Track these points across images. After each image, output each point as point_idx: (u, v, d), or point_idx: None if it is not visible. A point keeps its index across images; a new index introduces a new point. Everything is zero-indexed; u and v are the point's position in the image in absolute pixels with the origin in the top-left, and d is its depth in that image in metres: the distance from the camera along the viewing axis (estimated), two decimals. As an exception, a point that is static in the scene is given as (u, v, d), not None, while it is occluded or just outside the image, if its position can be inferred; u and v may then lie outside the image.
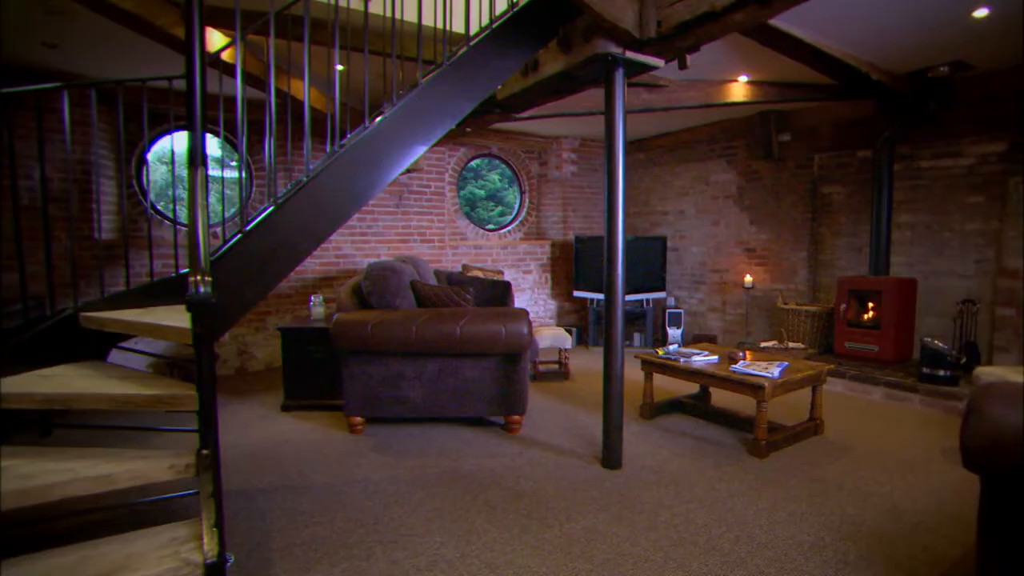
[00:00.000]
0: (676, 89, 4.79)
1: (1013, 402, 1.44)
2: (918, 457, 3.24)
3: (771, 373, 3.25)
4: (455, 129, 4.68)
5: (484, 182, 14.42)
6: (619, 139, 2.93)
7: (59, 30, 3.51)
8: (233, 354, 5.43)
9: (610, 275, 2.97)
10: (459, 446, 3.45)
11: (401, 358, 3.54)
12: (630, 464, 3.14)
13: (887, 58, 4.21)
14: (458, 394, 3.58)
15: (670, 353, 3.79)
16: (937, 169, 4.87)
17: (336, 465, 3.19)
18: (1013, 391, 1.48)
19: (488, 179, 14.23)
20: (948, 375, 4.17)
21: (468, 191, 14.45)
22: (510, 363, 3.54)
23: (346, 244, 6.04)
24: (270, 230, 2.33)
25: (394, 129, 2.51)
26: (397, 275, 3.64)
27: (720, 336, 6.47)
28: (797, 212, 5.81)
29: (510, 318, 3.37)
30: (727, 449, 3.36)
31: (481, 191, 14.33)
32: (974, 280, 4.69)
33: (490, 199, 14.05)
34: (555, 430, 3.72)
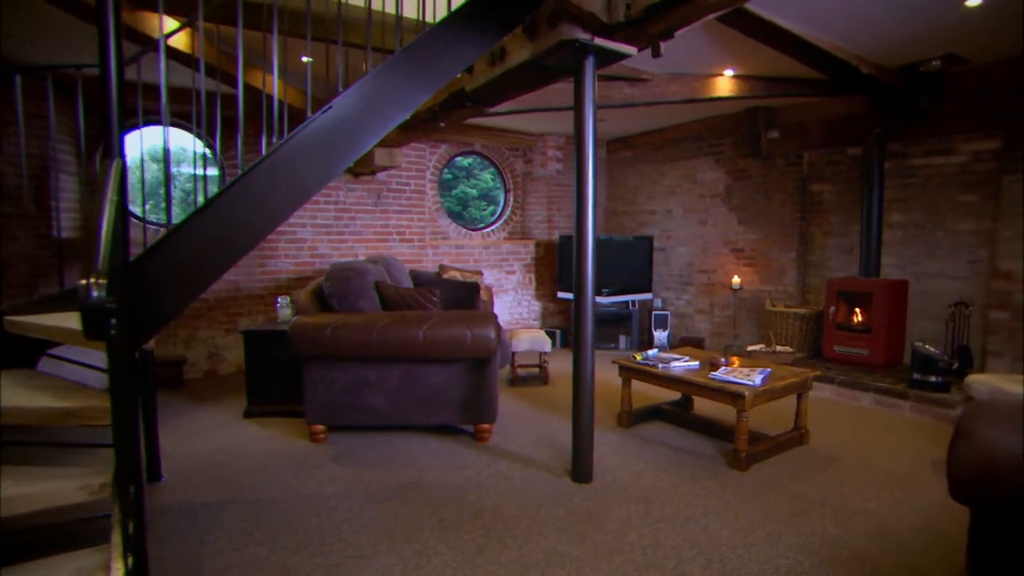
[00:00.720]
0: (659, 83, 4.61)
1: (1007, 424, 1.26)
2: (907, 469, 3.07)
3: (752, 381, 3.08)
4: (430, 124, 4.50)
5: (476, 181, 14.24)
6: (588, 133, 2.75)
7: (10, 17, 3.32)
8: (203, 356, 5.24)
9: (579, 276, 2.79)
10: (424, 457, 3.27)
11: (364, 363, 3.35)
12: (602, 477, 2.95)
13: (877, 51, 4.04)
14: (424, 401, 3.40)
15: (648, 358, 3.61)
16: (929, 167, 4.70)
17: (291, 477, 3.01)
18: (1007, 411, 1.31)
19: (481, 178, 14.04)
20: (939, 381, 4.01)
21: (460, 190, 14.26)
22: (478, 369, 3.35)
23: (322, 243, 5.85)
24: (201, 228, 2.14)
25: (341, 121, 2.32)
26: (360, 276, 3.45)
27: (708, 338, 6.29)
28: (786, 211, 5.64)
29: (476, 321, 3.19)
30: (706, 461, 3.18)
31: (473, 190, 14.15)
32: (967, 282, 4.52)
33: (482, 198, 13.87)
34: (527, 439, 3.54)
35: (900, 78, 4.40)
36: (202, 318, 5.20)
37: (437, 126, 4.45)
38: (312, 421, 3.45)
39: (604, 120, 6.17)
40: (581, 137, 2.75)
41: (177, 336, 5.10)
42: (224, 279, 5.29)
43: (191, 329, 5.15)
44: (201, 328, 5.21)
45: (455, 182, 14.53)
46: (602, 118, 6.07)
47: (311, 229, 5.78)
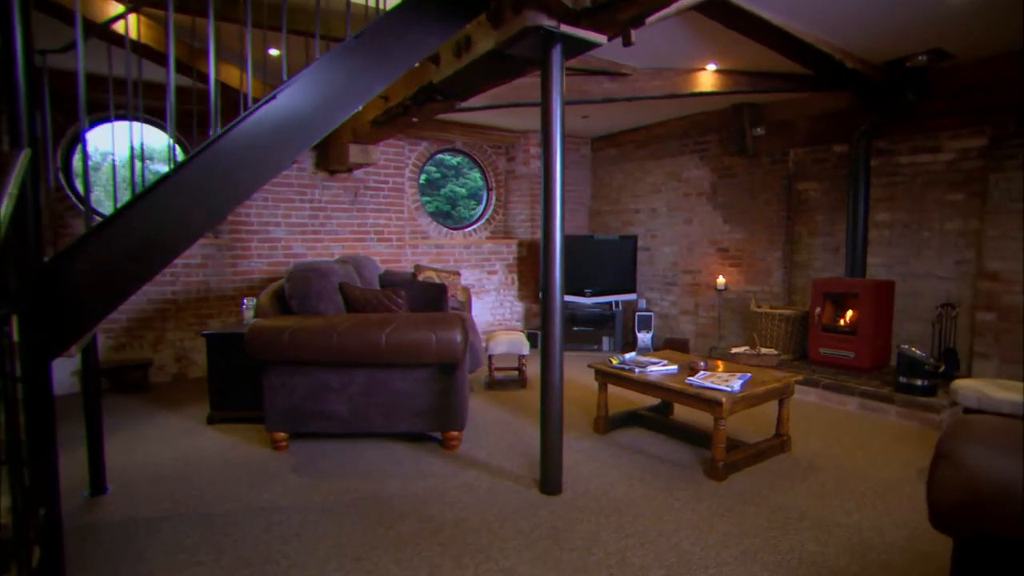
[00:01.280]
0: (640, 78, 4.48)
1: (996, 445, 1.13)
2: (891, 478, 2.95)
3: (731, 387, 2.94)
4: (403, 119, 4.34)
5: (466, 180, 14.13)
6: (556, 128, 2.60)
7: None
8: (171, 360, 5.06)
9: (547, 277, 2.65)
10: (388, 466, 3.11)
11: (325, 369, 3.20)
12: (572, 488, 2.81)
13: (862, 45, 3.92)
14: (389, 408, 3.25)
15: (625, 362, 3.48)
16: (916, 165, 4.59)
17: (246, 488, 2.85)
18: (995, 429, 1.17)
19: (470, 177, 13.92)
20: (925, 385, 3.89)
21: (449, 189, 14.09)
22: (446, 374, 3.20)
23: (296, 243, 5.69)
24: (128, 227, 1.97)
25: (287, 111, 2.17)
26: (322, 277, 3.30)
27: (692, 340, 6.17)
28: (772, 210, 5.52)
29: (441, 325, 3.04)
30: (683, 470, 3.04)
31: (463, 189, 14.00)
32: (954, 283, 4.41)
33: (472, 198, 13.74)
34: (499, 447, 3.39)
35: (886, 73, 4.29)
36: (170, 319, 5.03)
37: (410, 121, 4.29)
38: (273, 428, 3.30)
39: (587, 117, 6.04)
40: (548, 132, 2.60)
41: (144, 338, 4.92)
42: (194, 279, 5.13)
43: (159, 331, 4.97)
44: (170, 330, 5.03)
45: (444, 181, 14.36)
46: (585, 115, 5.94)
47: (285, 228, 5.62)
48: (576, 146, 7.14)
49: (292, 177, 5.62)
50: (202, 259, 5.14)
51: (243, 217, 5.37)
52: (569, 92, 4.48)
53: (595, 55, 4.25)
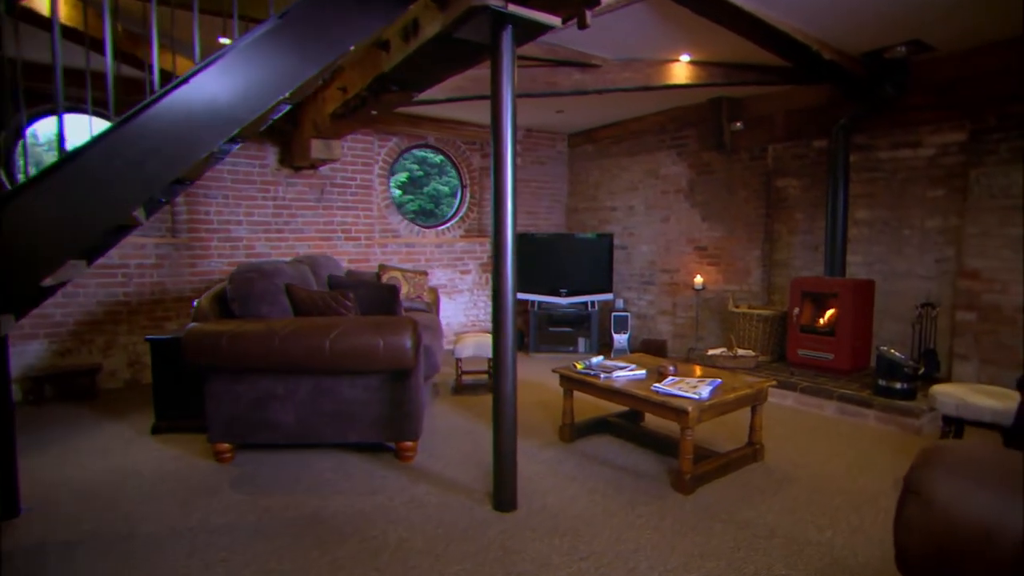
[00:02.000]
0: (611, 69, 4.31)
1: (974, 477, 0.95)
2: (867, 489, 2.79)
3: (698, 394, 2.77)
4: (362, 112, 4.13)
5: (449, 178, 13.94)
6: (506, 119, 2.42)
7: None
8: (123, 365, 4.82)
9: (497, 276, 2.46)
10: (336, 479, 2.91)
11: (270, 376, 2.99)
12: (528, 503, 2.63)
13: (839, 35, 3.76)
14: (338, 417, 3.05)
15: (591, 367, 3.29)
16: (896, 160, 4.45)
17: (178, 507, 2.63)
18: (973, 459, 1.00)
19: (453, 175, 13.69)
20: (905, 388, 3.75)
21: (432, 187, 13.87)
22: (398, 381, 3.01)
23: (259, 242, 5.46)
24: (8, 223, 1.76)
25: (203, 97, 1.96)
26: (266, 278, 3.09)
27: (670, 341, 6.01)
28: (751, 207, 5.36)
29: (390, 329, 2.84)
30: (648, 482, 2.87)
31: (446, 187, 13.81)
32: (934, 281, 4.28)
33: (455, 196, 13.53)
34: (457, 457, 3.20)
35: (864, 66, 4.14)
36: (123, 322, 4.78)
37: (370, 114, 4.08)
38: (215, 439, 3.08)
39: (562, 111, 5.86)
40: (498, 124, 2.42)
41: (93, 343, 4.68)
42: (148, 280, 4.89)
43: (110, 335, 4.73)
44: (122, 334, 4.78)
45: (427, 179, 14.14)
46: (559, 109, 5.76)
47: (247, 227, 5.39)
48: (552, 142, 6.96)
49: (255, 174, 5.39)
50: (157, 259, 4.90)
51: (201, 215, 5.13)
52: (536, 84, 4.31)
53: (563, 45, 4.07)
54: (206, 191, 5.13)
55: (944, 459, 1.02)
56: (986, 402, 2.44)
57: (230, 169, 5.26)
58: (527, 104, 5.48)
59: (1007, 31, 3.68)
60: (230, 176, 5.27)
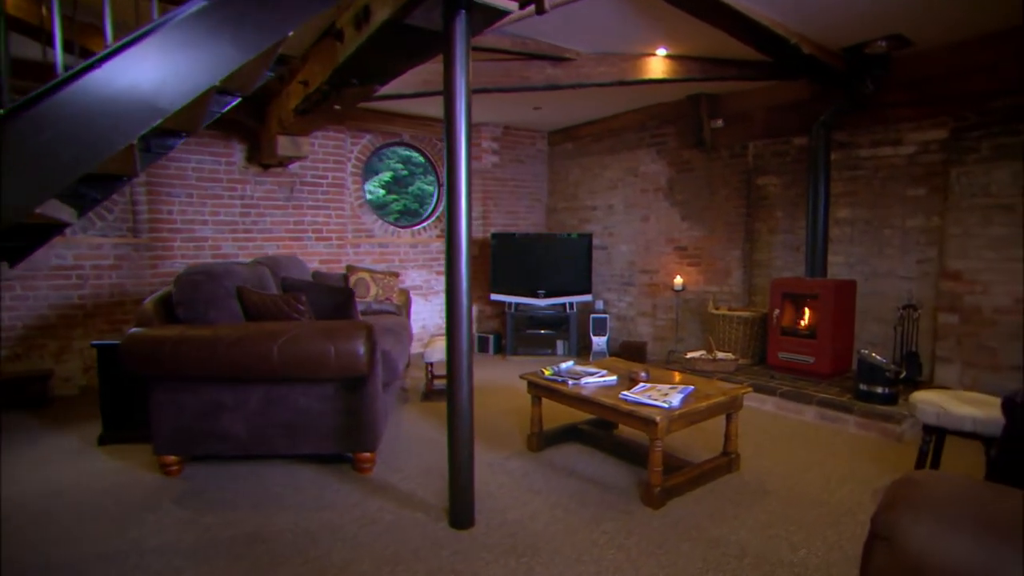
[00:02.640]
0: (585, 63, 4.16)
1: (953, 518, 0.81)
2: (845, 502, 2.66)
3: (669, 402, 2.63)
4: (325, 107, 3.96)
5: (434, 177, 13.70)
6: (460, 112, 2.26)
7: None
8: (78, 371, 4.61)
9: (451, 277, 2.30)
10: (286, 494, 2.74)
11: (217, 385, 2.82)
12: (487, 519, 2.47)
13: (819, 29, 3.64)
14: (290, 428, 2.88)
15: (560, 372, 3.15)
16: (877, 158, 4.34)
17: (113, 526, 2.45)
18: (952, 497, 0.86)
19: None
20: (886, 393, 3.63)
21: (417, 187, 13.68)
22: (352, 390, 2.84)
23: (226, 242, 5.27)
24: None
25: (124, 83, 1.79)
26: (214, 280, 2.91)
27: (650, 343, 5.88)
28: (731, 206, 5.24)
29: (341, 335, 2.67)
30: (616, 495, 2.72)
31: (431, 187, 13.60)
32: (916, 282, 4.17)
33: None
34: (418, 469, 3.04)
35: (845, 61, 4.03)
36: (78, 326, 4.58)
37: (333, 109, 3.92)
38: (161, 452, 2.91)
39: (540, 108, 5.71)
40: (451, 116, 2.26)
41: (46, 348, 4.47)
42: (106, 282, 4.68)
43: (64, 339, 4.52)
44: (77, 338, 4.58)
45: (411, 179, 13.95)
46: (537, 106, 5.61)
47: (213, 226, 5.19)
48: (532, 140, 6.81)
49: (221, 172, 5.20)
50: (115, 259, 4.69)
51: (164, 215, 4.93)
52: (510, 78, 4.16)
53: (535, 37, 3.93)
54: (169, 189, 4.94)
55: (917, 499, 0.88)
56: (967, 411, 2.32)
57: (195, 167, 5.07)
58: (504, 100, 5.34)
59: (987, 26, 3.58)
60: (195, 174, 5.07)
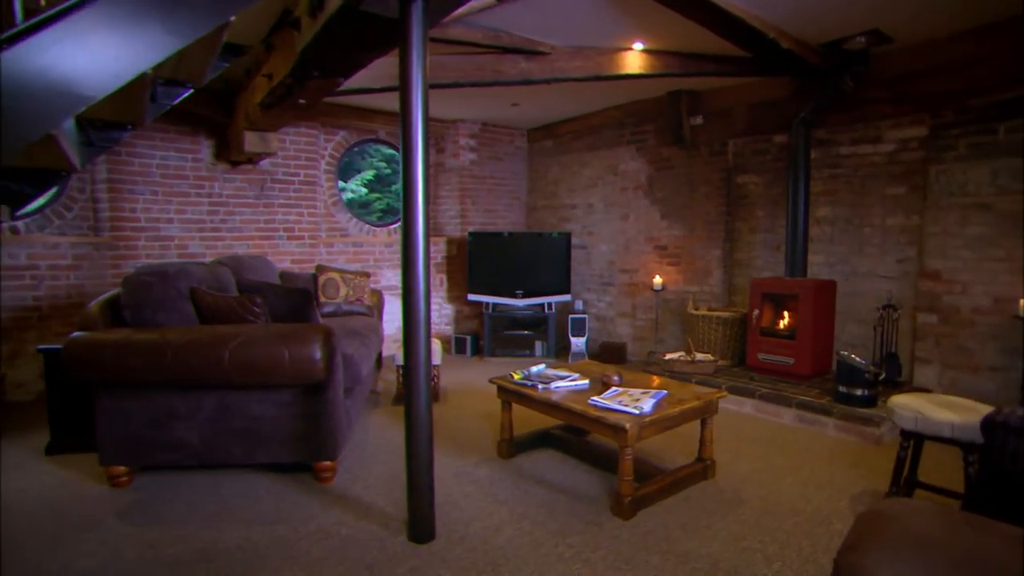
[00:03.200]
0: (560, 57, 4.05)
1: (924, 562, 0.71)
2: (821, 510, 2.57)
3: (640, 408, 2.52)
4: (290, 102, 3.81)
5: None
6: (416, 103, 2.14)
7: None
8: (33, 376, 4.41)
9: (408, 279, 2.18)
10: (240, 506, 2.61)
11: (168, 391, 2.67)
12: (449, 532, 2.35)
13: (798, 24, 3.56)
14: (246, 436, 2.74)
15: (530, 376, 3.03)
16: (857, 156, 4.28)
17: (47, 545, 2.30)
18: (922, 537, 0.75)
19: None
20: (865, 395, 3.56)
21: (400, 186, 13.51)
22: (311, 396, 2.71)
23: (193, 241, 5.10)
24: None
25: (38, 67, 1.64)
26: (167, 282, 2.76)
27: (630, 344, 5.79)
28: (711, 205, 5.16)
29: (297, 339, 2.54)
30: (586, 505, 2.61)
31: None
32: (896, 282, 4.11)
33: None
34: (382, 477, 2.91)
35: (824, 57, 3.95)
36: (32, 329, 4.39)
37: (299, 104, 3.77)
38: (108, 462, 2.75)
39: (518, 104, 5.59)
40: (407, 109, 2.13)
41: (-2, 351, 4.28)
42: (64, 283, 4.49)
43: (16, 343, 4.32)
44: (31, 341, 4.38)
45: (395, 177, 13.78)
46: (515, 102, 5.49)
47: (179, 225, 5.02)
48: (511, 137, 6.69)
49: (187, 168, 5.03)
50: (73, 259, 4.51)
51: (126, 212, 4.75)
52: (483, 72, 4.04)
53: (507, 30, 3.81)
54: (132, 186, 4.76)
55: (886, 537, 0.77)
56: (945, 416, 2.24)
57: (159, 163, 4.89)
58: (481, 96, 5.22)
59: (965, 23, 3.53)
60: (159, 171, 4.89)
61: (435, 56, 3.96)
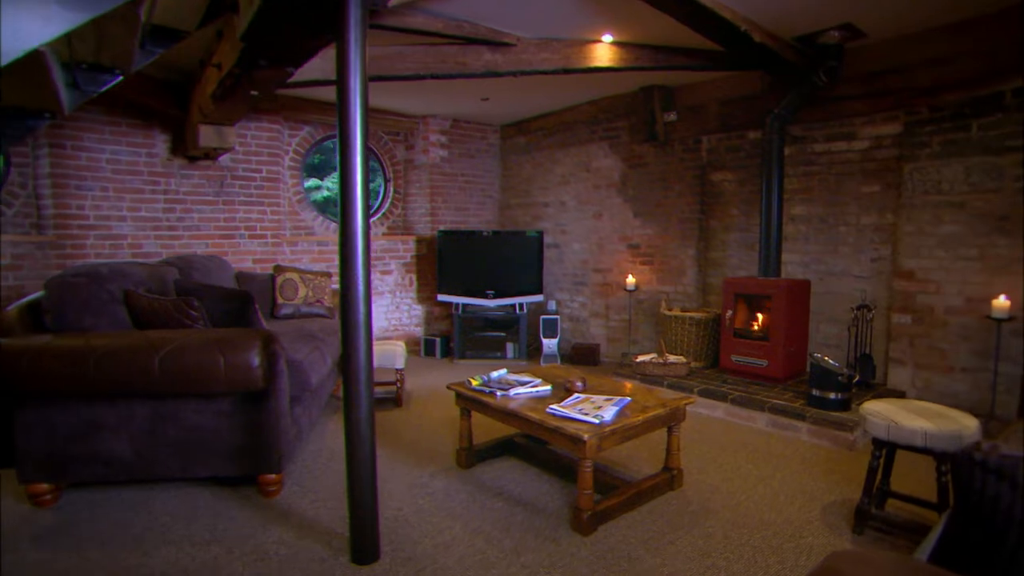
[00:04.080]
0: (527, 49, 3.90)
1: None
2: (792, 521, 2.45)
3: (601, 416, 2.38)
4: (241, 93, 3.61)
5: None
6: (354, 93, 1.97)
7: None
8: (-27, 382, 4.16)
9: (345, 281, 2.01)
10: (174, 524, 2.42)
11: (95, 402, 2.47)
12: (395, 551, 2.19)
13: (770, 16, 3.45)
14: (183, 448, 2.55)
15: (489, 382, 2.88)
16: (831, 153, 4.19)
17: (-45, 572, 2.10)
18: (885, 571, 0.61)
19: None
20: (838, 399, 3.46)
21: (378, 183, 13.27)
22: (252, 405, 2.53)
23: (148, 240, 4.86)
24: None
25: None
26: (97, 284, 2.56)
27: (604, 345, 5.66)
28: (685, 203, 5.05)
29: (233, 345, 2.36)
30: (544, 519, 2.47)
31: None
32: (870, 281, 4.03)
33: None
34: (334, 490, 2.74)
35: (797, 52, 3.85)
36: (-29, 333, 4.13)
37: (250, 95, 3.58)
38: (28, 479, 2.54)
39: (488, 99, 5.44)
40: (345, 100, 1.97)
41: (-67, 357, 4.01)
42: (4, 284, 4.25)
43: (-47, 348, 4.07)
44: (-30, 346, 4.13)
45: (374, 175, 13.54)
46: (484, 96, 5.34)
47: (132, 223, 4.78)
48: (483, 134, 6.53)
49: (140, 164, 4.79)
50: (13, 259, 4.25)
51: (73, 210, 4.51)
52: (446, 64, 3.87)
53: (471, 20, 3.65)
54: (79, 182, 4.51)
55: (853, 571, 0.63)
56: (918, 424, 2.13)
57: (110, 158, 4.65)
58: (450, 91, 5.06)
59: (938, 19, 3.47)
60: (109, 166, 4.65)
61: (396, 47, 3.80)
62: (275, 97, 5.10)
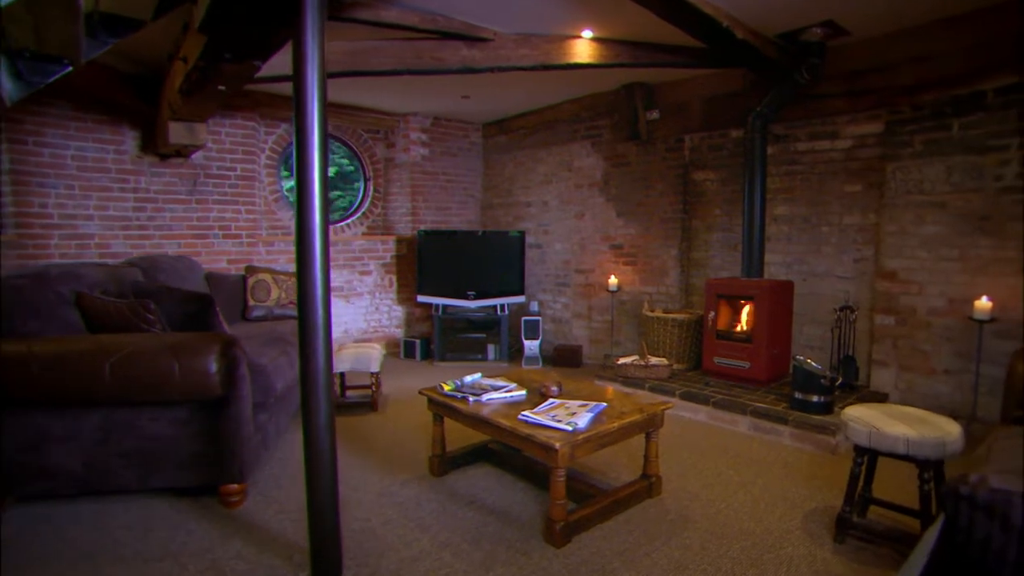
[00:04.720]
0: (504, 44, 3.81)
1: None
2: (772, 530, 2.38)
3: (574, 423, 2.29)
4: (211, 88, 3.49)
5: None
6: (312, 85, 1.87)
7: None
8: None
9: (303, 284, 1.91)
10: (129, 539, 2.30)
11: (40, 411, 2.35)
12: (359, 566, 2.09)
13: (752, 12, 3.38)
14: (139, 459, 2.43)
15: (461, 387, 2.78)
16: (814, 152, 4.14)
17: None
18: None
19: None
20: (821, 402, 3.40)
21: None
22: (212, 412, 2.42)
23: (116, 240, 4.71)
24: None
25: None
26: (44, 286, 2.44)
27: (586, 347, 5.58)
28: (667, 202, 4.98)
29: (190, 350, 2.25)
30: (517, 530, 2.37)
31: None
32: (852, 282, 3.98)
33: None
34: (300, 500, 2.60)
35: (780, 49, 3.79)
36: (-73, 337, 3.96)
37: (217, 90, 3.46)
38: (-26, 493, 2.41)
39: (468, 97, 5.34)
40: (301, 91, 1.86)
41: None
42: (-36, 285, 4.08)
43: (-93, 352, 3.90)
44: (-74, 350, 3.96)
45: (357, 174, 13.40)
46: (465, 94, 5.24)
47: (100, 222, 4.63)
48: (465, 132, 6.43)
49: (108, 161, 4.64)
50: (-29, 260, 4.10)
51: (35, 208, 4.35)
52: (421, 60, 3.77)
53: (447, 14, 3.55)
54: (41, 179, 4.35)
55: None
56: (900, 431, 2.06)
57: (75, 155, 4.49)
58: (430, 89, 4.97)
59: (919, 17, 3.43)
60: (75, 163, 4.50)
61: (371, 41, 3.69)
62: (247, 93, 4.96)
